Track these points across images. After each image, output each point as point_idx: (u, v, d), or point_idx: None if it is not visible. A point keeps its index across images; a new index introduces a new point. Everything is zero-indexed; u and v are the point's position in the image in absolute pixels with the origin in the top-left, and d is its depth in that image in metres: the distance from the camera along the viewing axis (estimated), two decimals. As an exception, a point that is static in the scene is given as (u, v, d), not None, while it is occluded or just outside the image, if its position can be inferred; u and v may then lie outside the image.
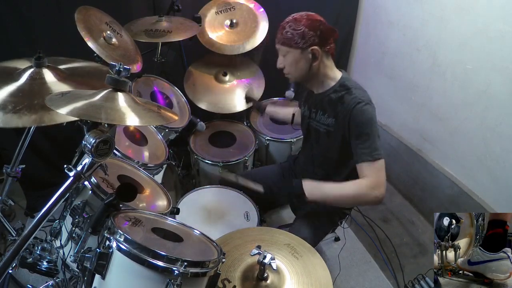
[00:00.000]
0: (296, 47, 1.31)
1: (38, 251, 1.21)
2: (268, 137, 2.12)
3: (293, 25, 1.29)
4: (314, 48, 1.29)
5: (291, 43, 1.30)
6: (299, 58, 1.32)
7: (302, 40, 1.28)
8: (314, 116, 1.46)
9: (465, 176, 2.08)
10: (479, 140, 1.93)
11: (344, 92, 1.33)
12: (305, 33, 1.28)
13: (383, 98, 2.61)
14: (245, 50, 2.13)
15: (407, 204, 2.47)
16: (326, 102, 1.39)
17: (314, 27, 1.28)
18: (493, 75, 1.79)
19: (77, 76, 1.17)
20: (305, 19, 1.29)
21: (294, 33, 1.29)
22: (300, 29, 1.28)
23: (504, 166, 1.83)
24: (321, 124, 1.43)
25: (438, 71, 2.10)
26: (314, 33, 1.28)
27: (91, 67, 1.28)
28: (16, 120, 0.93)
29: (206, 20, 2.17)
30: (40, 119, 0.95)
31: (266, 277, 1.06)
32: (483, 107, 1.87)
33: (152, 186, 1.38)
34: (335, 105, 1.35)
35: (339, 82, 1.36)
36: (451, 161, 2.16)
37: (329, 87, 1.37)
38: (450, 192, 2.16)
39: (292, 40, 1.30)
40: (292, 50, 1.32)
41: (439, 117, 2.17)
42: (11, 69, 1.09)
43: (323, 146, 1.47)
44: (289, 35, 1.30)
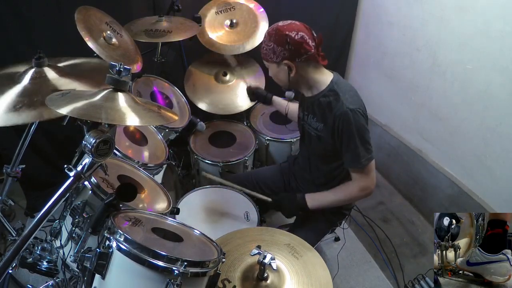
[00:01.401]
0: (271, 62, 1.34)
1: (38, 251, 1.20)
2: (268, 137, 2.12)
3: (266, 40, 1.32)
4: (286, 62, 1.30)
5: (267, 58, 1.34)
6: (278, 71, 1.35)
7: (274, 55, 1.30)
8: (307, 119, 1.47)
9: (465, 176, 2.08)
10: (479, 140, 1.93)
11: (332, 98, 1.33)
12: (275, 49, 1.29)
13: (383, 98, 2.61)
14: (245, 50, 2.12)
15: (407, 204, 2.47)
16: (316, 106, 1.39)
17: (282, 42, 1.27)
18: (493, 75, 1.79)
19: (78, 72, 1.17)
20: (274, 35, 1.29)
21: (268, 48, 1.31)
22: (270, 45, 1.30)
23: (504, 166, 1.83)
24: (312, 128, 1.45)
25: (438, 71, 2.10)
26: (283, 48, 1.27)
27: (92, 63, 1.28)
28: (16, 117, 0.93)
29: (206, 20, 2.17)
30: (40, 114, 0.95)
31: (266, 277, 1.06)
32: (483, 107, 1.87)
33: (152, 186, 1.38)
34: (324, 110, 1.35)
35: (328, 87, 1.35)
36: (451, 161, 2.16)
37: (319, 91, 1.37)
38: (450, 192, 2.16)
39: (268, 55, 1.33)
40: (270, 64, 1.36)
41: (439, 117, 2.17)
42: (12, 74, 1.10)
43: (316, 149, 1.48)
44: (264, 50, 1.34)
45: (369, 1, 2.59)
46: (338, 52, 2.79)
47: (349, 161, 1.35)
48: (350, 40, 2.81)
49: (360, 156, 1.31)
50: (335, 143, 1.36)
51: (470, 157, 2.02)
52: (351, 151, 1.32)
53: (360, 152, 1.31)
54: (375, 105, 2.68)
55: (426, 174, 2.32)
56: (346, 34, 2.76)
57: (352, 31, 2.77)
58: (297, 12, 2.26)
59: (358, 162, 1.32)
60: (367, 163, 1.33)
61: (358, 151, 1.31)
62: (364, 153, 1.31)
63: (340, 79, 1.39)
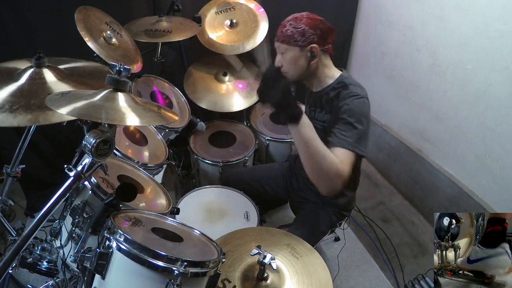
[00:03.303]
0: (295, 45, 1.31)
1: (38, 251, 1.20)
2: (268, 137, 2.12)
3: (293, 23, 1.31)
4: (313, 46, 1.30)
5: (290, 41, 1.31)
6: (298, 56, 1.33)
7: (302, 38, 1.30)
8: (314, 115, 1.46)
9: (465, 176, 2.08)
10: (479, 140, 1.93)
11: (341, 89, 1.33)
12: (305, 31, 1.29)
13: (383, 98, 2.61)
14: (245, 50, 2.12)
15: (407, 204, 2.47)
16: (324, 100, 1.39)
17: (314, 26, 1.30)
18: (493, 75, 1.79)
19: (77, 76, 1.17)
20: (306, 18, 1.31)
21: (294, 31, 1.30)
22: (300, 27, 1.30)
23: (504, 166, 1.83)
24: (319, 121, 1.43)
25: (438, 71, 2.10)
26: (314, 32, 1.30)
27: (92, 66, 1.28)
28: (11, 119, 0.93)
29: (206, 20, 2.17)
30: (35, 118, 0.94)
31: (266, 277, 1.06)
32: (483, 107, 1.87)
33: (152, 186, 1.38)
34: (332, 100, 1.35)
35: (337, 80, 1.36)
36: (451, 161, 2.16)
37: (327, 85, 1.38)
38: (450, 192, 2.16)
39: (292, 38, 1.31)
40: (291, 47, 1.33)
41: (439, 117, 2.17)
42: (11, 70, 1.09)
43: None
44: (289, 32, 1.31)
45: (369, 1, 2.59)
46: (338, 52, 2.78)
47: (343, 139, 1.20)
48: (350, 41, 2.81)
49: (358, 141, 1.20)
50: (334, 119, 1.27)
51: (470, 157, 2.02)
52: (349, 131, 1.21)
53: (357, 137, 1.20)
54: (375, 105, 2.65)
55: (426, 174, 2.32)
56: (346, 34, 2.76)
57: (352, 31, 2.78)
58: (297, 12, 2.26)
59: (352, 145, 1.19)
60: (358, 152, 1.19)
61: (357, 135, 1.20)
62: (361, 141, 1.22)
63: (349, 76, 1.40)
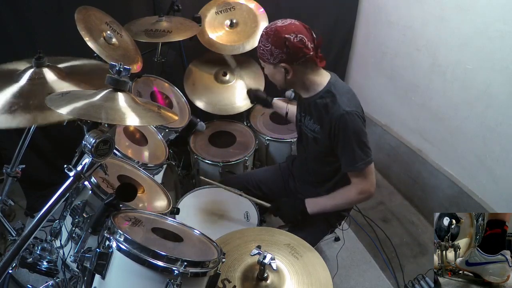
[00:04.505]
0: (268, 63, 1.31)
1: (38, 251, 1.20)
2: (268, 137, 2.12)
3: (263, 40, 1.28)
4: (283, 65, 1.27)
5: (263, 58, 1.31)
6: (274, 72, 1.34)
7: (271, 57, 1.27)
8: (303, 121, 1.47)
9: (465, 176, 2.08)
10: (479, 140, 1.93)
11: (329, 100, 1.31)
12: (273, 51, 1.26)
13: (383, 98, 2.61)
14: (245, 50, 2.12)
15: (407, 204, 2.47)
16: (312, 107, 1.38)
17: (280, 45, 1.23)
18: (493, 75, 1.79)
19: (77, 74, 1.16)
20: (272, 36, 1.24)
21: (265, 49, 1.28)
22: (268, 46, 1.26)
23: (504, 166, 1.83)
24: (309, 129, 1.44)
25: (438, 71, 2.10)
26: (281, 51, 1.24)
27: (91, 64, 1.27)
28: (10, 120, 0.92)
29: (206, 20, 2.17)
30: (34, 119, 0.94)
31: (266, 277, 1.06)
32: (483, 107, 1.87)
33: (152, 186, 1.38)
34: (320, 112, 1.34)
35: (325, 88, 1.33)
36: (451, 161, 2.16)
37: (315, 92, 1.36)
38: (450, 192, 2.16)
39: (264, 56, 1.30)
40: (266, 64, 1.34)
41: (439, 117, 2.17)
42: (12, 71, 1.09)
43: (312, 151, 1.48)
44: (261, 50, 1.30)
45: (369, 1, 2.59)
46: (338, 52, 2.79)
47: (346, 164, 1.34)
48: (350, 40, 2.81)
49: (357, 159, 1.30)
50: (332, 145, 1.35)
51: (470, 157, 2.02)
52: (347, 154, 1.31)
53: (356, 155, 1.29)
54: (375, 105, 2.68)
55: (426, 174, 2.32)
56: (346, 34, 2.76)
57: (352, 31, 2.77)
58: (297, 12, 2.26)
59: (355, 166, 1.31)
60: (364, 167, 1.31)
61: (355, 154, 1.29)
62: (361, 156, 1.30)
63: (338, 80, 1.37)
